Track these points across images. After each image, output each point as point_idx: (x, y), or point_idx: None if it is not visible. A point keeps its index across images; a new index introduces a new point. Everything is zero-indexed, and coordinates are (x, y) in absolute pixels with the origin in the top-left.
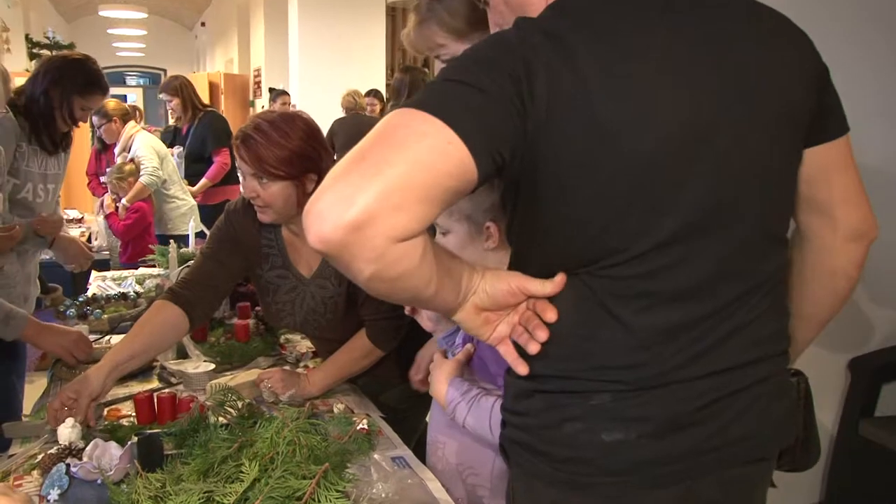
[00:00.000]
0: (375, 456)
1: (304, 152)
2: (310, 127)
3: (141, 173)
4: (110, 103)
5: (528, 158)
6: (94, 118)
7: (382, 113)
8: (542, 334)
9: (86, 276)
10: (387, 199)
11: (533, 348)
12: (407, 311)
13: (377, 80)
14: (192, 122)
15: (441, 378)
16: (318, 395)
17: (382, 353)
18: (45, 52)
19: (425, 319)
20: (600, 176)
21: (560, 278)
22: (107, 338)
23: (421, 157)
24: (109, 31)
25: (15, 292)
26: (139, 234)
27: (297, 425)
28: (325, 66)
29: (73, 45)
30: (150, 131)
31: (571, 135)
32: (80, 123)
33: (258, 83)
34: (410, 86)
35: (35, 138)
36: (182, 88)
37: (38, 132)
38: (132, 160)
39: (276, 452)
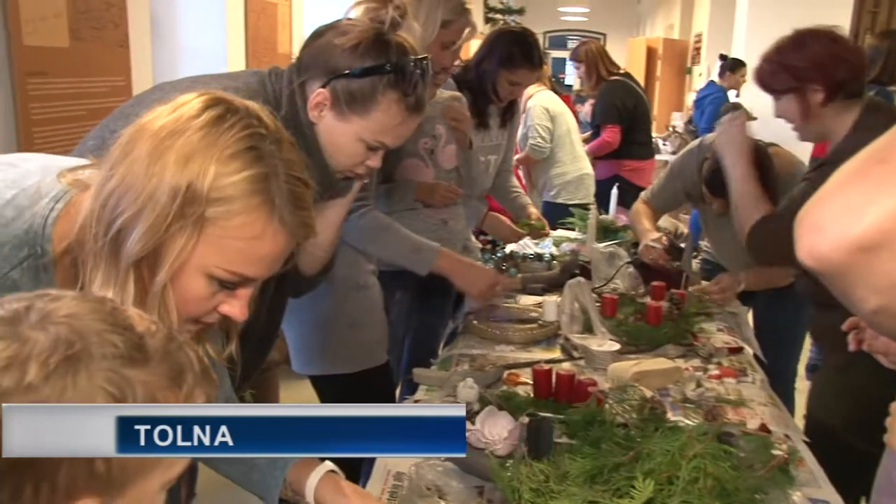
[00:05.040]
0: (795, 496)
1: None
2: None
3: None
4: None
5: None
6: None
7: None
8: None
9: None
10: None
11: None
12: (852, 345)
13: None
14: (595, 91)
15: None
16: (733, 399)
17: None
18: (499, 16)
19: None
20: None
21: None
22: (516, 297)
23: None
24: None
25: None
26: None
27: (707, 448)
28: (775, 33)
29: (524, 9)
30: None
31: None
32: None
33: (697, 49)
34: (888, 55)
35: (474, 111)
36: (588, 55)
37: (475, 105)
38: None
39: (675, 475)
